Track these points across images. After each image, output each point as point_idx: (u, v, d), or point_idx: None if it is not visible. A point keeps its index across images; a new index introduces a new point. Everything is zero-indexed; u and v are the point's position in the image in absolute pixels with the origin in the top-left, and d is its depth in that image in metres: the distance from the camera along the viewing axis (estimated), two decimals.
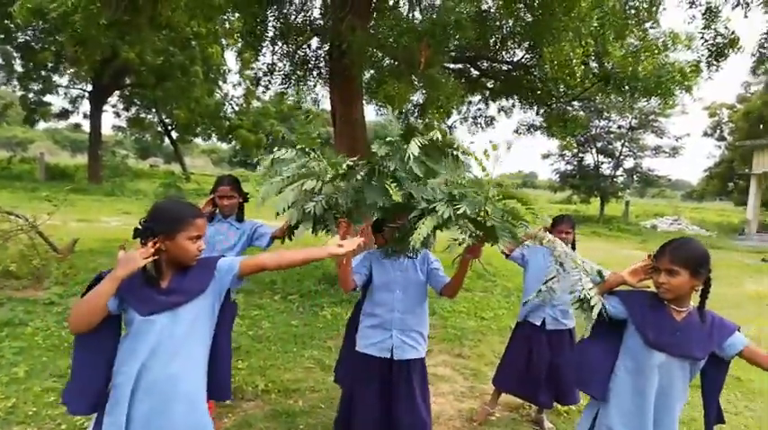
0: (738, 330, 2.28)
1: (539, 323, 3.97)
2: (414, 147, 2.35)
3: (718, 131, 34.04)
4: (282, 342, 5.50)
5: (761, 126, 28.95)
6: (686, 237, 2.31)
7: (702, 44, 7.25)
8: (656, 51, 7.25)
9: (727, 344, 2.24)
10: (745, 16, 6.63)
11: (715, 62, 7.27)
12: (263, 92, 9.23)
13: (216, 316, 2.19)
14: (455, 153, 2.60)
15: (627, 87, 7.87)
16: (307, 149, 2.70)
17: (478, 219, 2.41)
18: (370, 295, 3.03)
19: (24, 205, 11.25)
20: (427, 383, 3.10)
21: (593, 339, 2.47)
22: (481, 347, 5.79)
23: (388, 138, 2.45)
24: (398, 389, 2.92)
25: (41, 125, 30.76)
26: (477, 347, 5.81)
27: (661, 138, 26.70)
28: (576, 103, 10.58)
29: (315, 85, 9.27)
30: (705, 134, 34.58)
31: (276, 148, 2.75)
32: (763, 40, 6.72)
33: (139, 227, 2.05)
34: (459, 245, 2.49)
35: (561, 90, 9.11)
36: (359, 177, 2.50)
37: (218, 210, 3.64)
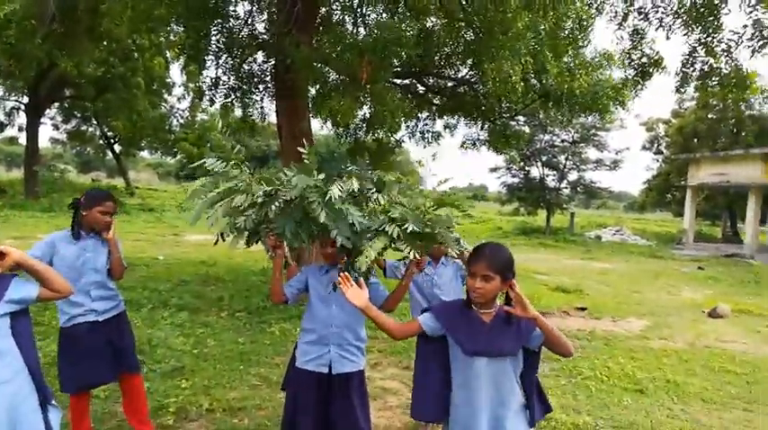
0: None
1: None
2: (335, 191, 2.45)
3: (655, 145, 35.53)
4: (228, 360, 5.40)
5: (695, 140, 30.47)
6: (496, 243, 2.40)
7: (629, 64, 7.65)
8: (591, 69, 7.58)
9: (534, 335, 2.32)
10: (668, 38, 7.04)
11: (641, 81, 7.68)
12: (209, 105, 9.12)
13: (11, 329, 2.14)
14: (372, 196, 2.69)
15: (565, 103, 8.20)
16: (236, 163, 2.75)
17: (425, 231, 2.55)
18: (309, 311, 3.08)
19: None
20: (366, 395, 3.17)
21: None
22: None
23: (312, 182, 2.53)
24: (337, 401, 2.97)
25: None
26: None
27: (602, 151, 27.82)
28: (519, 118, 10.92)
29: (261, 99, 9.24)
30: (643, 148, 36.05)
31: (207, 159, 2.77)
32: (685, 61, 7.15)
33: None
34: (405, 262, 2.62)
35: (504, 106, 9.40)
36: (276, 205, 2.54)
37: (82, 226, 3.32)
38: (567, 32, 7.34)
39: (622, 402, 4.99)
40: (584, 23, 7.33)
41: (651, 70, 7.57)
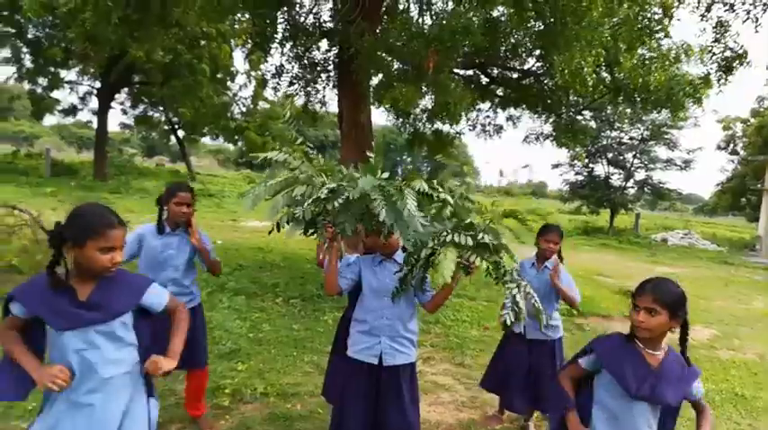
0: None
1: (518, 331, 3.99)
2: (411, 202, 2.41)
3: (731, 145, 33.75)
4: (282, 345, 5.46)
5: None
6: (665, 278, 2.27)
7: (712, 58, 7.21)
8: (668, 63, 7.18)
9: (693, 390, 2.23)
10: (756, 31, 6.58)
11: (723, 76, 7.22)
12: (273, 94, 9.24)
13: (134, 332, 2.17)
14: (442, 197, 2.65)
15: (638, 98, 7.81)
16: (297, 154, 2.79)
17: (494, 243, 2.53)
18: (360, 301, 3.07)
19: (29, 200, 11.27)
20: (417, 388, 3.14)
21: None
22: (483, 357, 5.69)
23: (376, 183, 2.52)
24: (387, 393, 2.96)
25: (49, 121, 30.96)
26: (479, 357, 5.75)
27: (673, 150, 26.41)
28: (586, 112, 10.52)
29: (324, 88, 9.27)
30: (718, 148, 34.25)
31: (271, 150, 2.81)
32: None
33: (53, 231, 1.97)
34: (468, 271, 2.60)
35: (572, 99, 9.06)
36: (339, 201, 2.55)
37: (165, 220, 3.41)
38: (645, 22, 6.96)
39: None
40: (665, 13, 6.93)
41: (735, 65, 7.10)
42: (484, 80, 9.87)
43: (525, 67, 9.03)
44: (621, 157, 27.08)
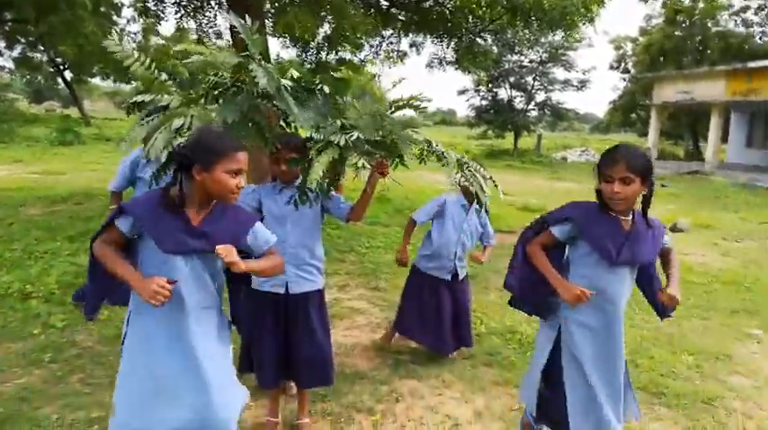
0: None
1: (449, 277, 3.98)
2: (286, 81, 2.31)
3: (622, 64, 35.43)
4: None
5: (661, 58, 30.43)
6: (630, 144, 2.29)
7: None
8: None
9: (663, 243, 2.36)
10: None
11: None
12: (158, 23, 8.55)
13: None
14: (323, 89, 2.52)
15: (534, 19, 7.93)
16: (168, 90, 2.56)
17: (377, 139, 2.40)
18: None
19: None
20: (326, 315, 3.11)
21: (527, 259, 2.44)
22: (398, 278, 5.79)
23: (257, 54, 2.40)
24: (296, 322, 2.92)
25: None
26: (393, 279, 5.87)
27: (569, 71, 27.61)
28: (487, 37, 10.59)
29: (215, 16, 8.66)
30: (611, 67, 35.94)
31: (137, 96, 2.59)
32: None
33: (175, 151, 1.92)
34: (362, 168, 2.48)
35: (471, 21, 9.05)
36: (218, 92, 2.41)
37: None
38: None
39: None
40: None
41: None
42: (384, 4, 9.62)
43: None
44: (523, 80, 27.98)
